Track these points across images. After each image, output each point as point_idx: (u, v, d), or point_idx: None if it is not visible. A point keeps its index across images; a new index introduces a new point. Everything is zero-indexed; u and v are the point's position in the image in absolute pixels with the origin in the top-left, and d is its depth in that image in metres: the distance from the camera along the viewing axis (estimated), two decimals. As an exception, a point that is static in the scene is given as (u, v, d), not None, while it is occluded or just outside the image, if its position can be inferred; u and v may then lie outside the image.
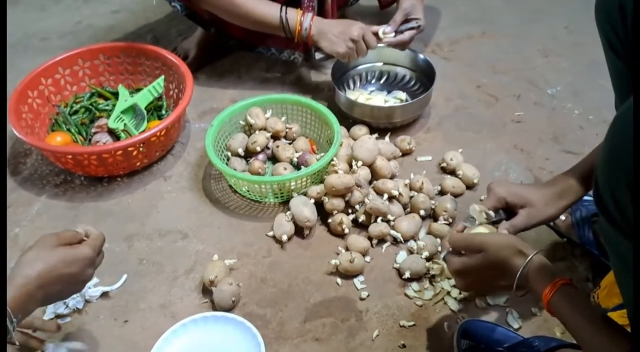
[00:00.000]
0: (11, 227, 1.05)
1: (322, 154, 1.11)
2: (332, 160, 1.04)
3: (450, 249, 0.74)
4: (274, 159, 1.15)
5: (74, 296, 0.90)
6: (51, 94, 1.22)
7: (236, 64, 1.42)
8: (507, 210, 0.82)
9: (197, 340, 0.86)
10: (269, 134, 1.14)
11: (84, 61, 1.25)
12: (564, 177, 0.81)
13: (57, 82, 1.22)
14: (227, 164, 1.11)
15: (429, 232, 1.00)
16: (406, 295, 0.92)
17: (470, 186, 1.08)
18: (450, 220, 1.00)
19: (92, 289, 0.92)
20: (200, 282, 0.95)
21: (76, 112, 1.21)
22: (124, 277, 0.95)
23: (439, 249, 0.96)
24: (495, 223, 0.81)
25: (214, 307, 0.90)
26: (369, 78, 1.32)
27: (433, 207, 1.02)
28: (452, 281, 0.91)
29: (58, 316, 0.90)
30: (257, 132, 1.14)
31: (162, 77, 1.22)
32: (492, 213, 0.80)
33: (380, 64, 1.31)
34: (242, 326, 0.86)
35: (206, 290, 0.93)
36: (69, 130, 1.18)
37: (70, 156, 1.06)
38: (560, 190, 0.79)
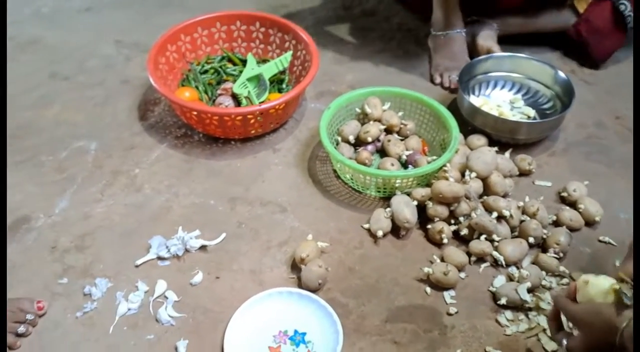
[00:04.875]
0: (131, 168, 1.14)
1: (434, 157, 1.07)
2: (444, 165, 1.01)
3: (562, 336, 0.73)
4: (382, 152, 1.14)
5: (176, 242, 0.96)
6: (187, 51, 1.29)
7: (360, 50, 1.41)
8: None
9: (279, 312, 0.88)
10: (382, 127, 1.13)
11: (221, 25, 1.30)
12: None
13: (194, 41, 1.29)
14: (335, 148, 1.11)
15: (534, 262, 0.94)
16: (497, 321, 0.87)
17: (590, 223, 0.99)
18: (561, 255, 0.93)
19: (194, 240, 0.98)
20: (290, 257, 0.97)
21: (206, 71, 1.28)
22: (222, 236, 1.00)
23: (542, 282, 0.90)
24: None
25: (300, 285, 0.92)
26: (498, 87, 1.25)
27: (544, 236, 0.95)
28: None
29: (159, 258, 0.97)
30: (371, 122, 1.13)
31: (290, 52, 1.25)
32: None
33: (515, 75, 1.23)
34: (324, 310, 0.86)
35: (295, 266, 0.95)
36: (196, 87, 1.24)
37: (195, 113, 1.12)
38: None
